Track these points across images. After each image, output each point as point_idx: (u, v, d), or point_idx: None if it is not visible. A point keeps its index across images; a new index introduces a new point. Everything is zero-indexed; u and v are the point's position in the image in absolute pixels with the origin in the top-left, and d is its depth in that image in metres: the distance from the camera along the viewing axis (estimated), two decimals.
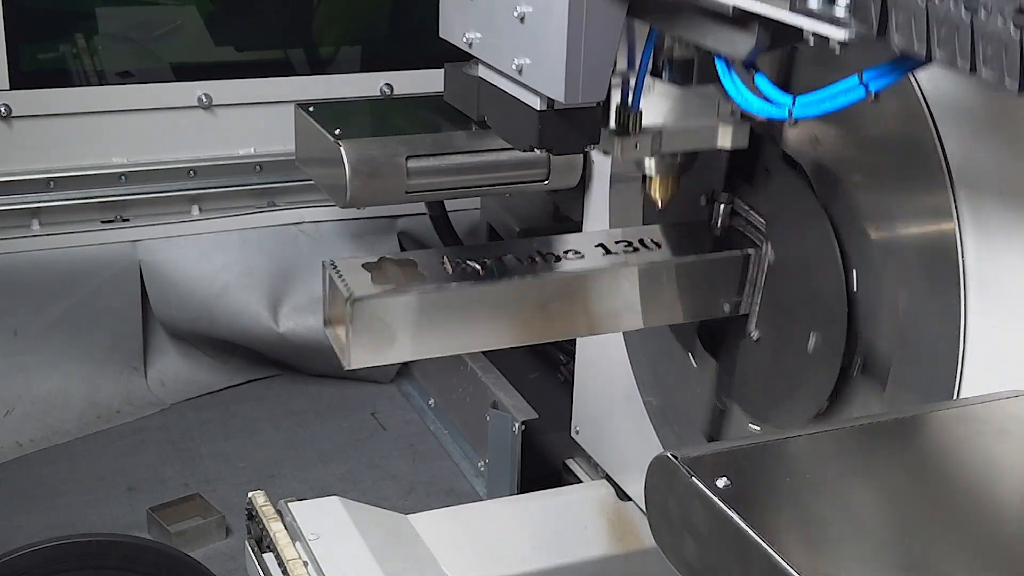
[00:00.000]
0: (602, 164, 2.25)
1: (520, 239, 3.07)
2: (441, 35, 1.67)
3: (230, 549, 2.67)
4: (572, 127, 1.53)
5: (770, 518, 1.13)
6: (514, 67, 1.49)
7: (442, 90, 1.80)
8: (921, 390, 1.57)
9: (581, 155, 2.26)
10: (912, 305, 1.57)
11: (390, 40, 3.52)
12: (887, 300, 1.61)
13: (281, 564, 1.98)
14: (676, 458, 1.19)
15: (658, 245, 1.83)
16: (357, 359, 1.66)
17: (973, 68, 1.03)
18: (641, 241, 1.83)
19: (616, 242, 1.83)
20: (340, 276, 1.66)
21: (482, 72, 1.63)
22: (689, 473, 1.16)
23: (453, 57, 1.71)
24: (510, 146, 1.65)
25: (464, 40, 1.60)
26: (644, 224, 2.02)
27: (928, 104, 1.49)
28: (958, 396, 1.51)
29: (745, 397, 1.88)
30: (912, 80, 1.48)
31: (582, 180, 2.33)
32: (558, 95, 1.43)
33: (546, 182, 2.27)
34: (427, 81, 2.99)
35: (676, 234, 1.87)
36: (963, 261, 1.49)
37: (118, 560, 2.17)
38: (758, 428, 1.86)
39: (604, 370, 2.38)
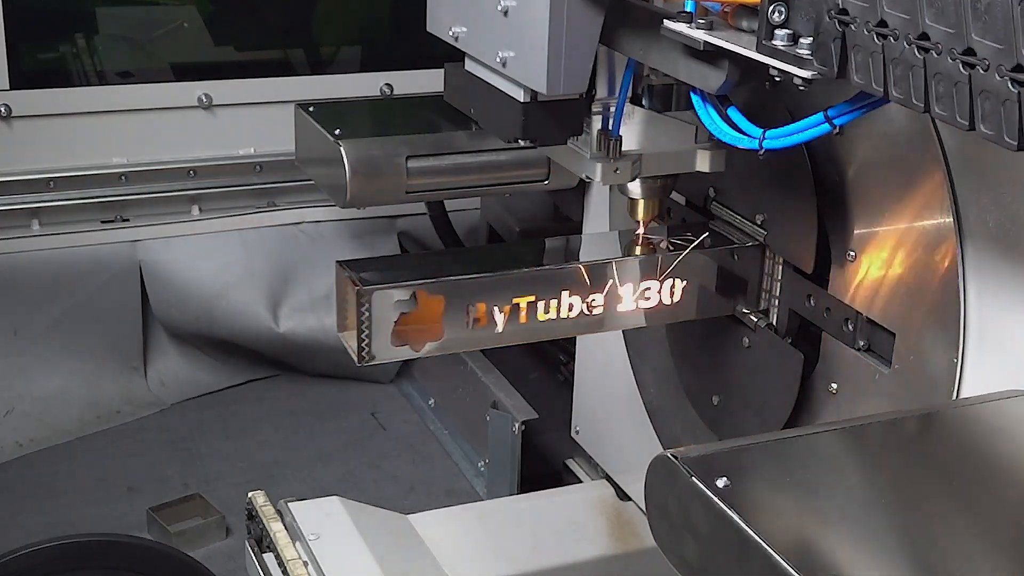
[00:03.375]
0: None
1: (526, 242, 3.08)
2: (428, 29, 1.70)
3: (230, 549, 2.67)
4: (555, 119, 1.56)
5: (770, 518, 1.13)
6: (498, 60, 1.52)
7: (442, 90, 1.80)
8: (921, 390, 1.57)
9: None
10: (911, 303, 1.57)
11: (390, 40, 3.52)
12: (887, 298, 1.62)
13: (281, 564, 1.99)
14: (676, 458, 1.19)
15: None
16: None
17: (927, 108, 1.07)
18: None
19: None
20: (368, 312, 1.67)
21: (468, 65, 1.66)
22: (689, 473, 1.16)
23: (453, 57, 1.71)
24: (510, 146, 1.67)
25: (450, 34, 1.63)
26: None
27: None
28: (958, 396, 1.51)
29: None
30: None
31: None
32: (540, 87, 1.46)
33: (546, 182, 2.27)
34: (427, 81, 2.99)
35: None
36: (963, 260, 1.49)
37: (118, 560, 2.17)
38: None
39: (604, 370, 2.38)
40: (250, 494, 2.13)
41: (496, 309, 1.73)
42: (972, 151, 1.46)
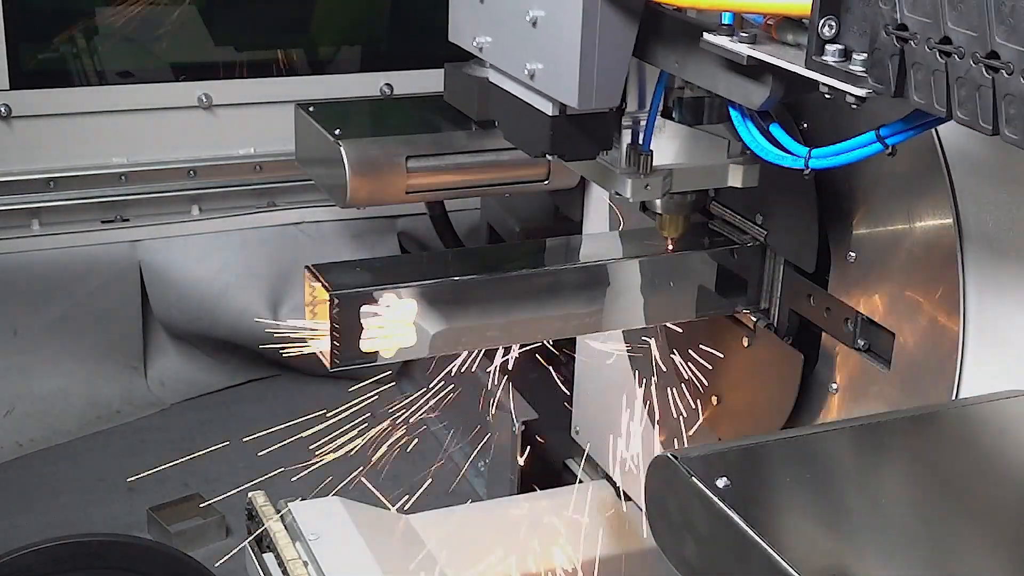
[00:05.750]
0: None
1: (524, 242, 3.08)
2: (450, 39, 1.64)
3: (230, 549, 2.67)
4: (585, 133, 1.51)
5: (770, 518, 1.13)
6: (526, 72, 1.46)
7: (442, 90, 1.80)
8: (921, 390, 1.57)
9: None
10: (911, 304, 1.57)
11: (390, 40, 3.52)
12: (887, 298, 1.62)
13: (281, 564, 1.99)
14: (676, 458, 1.19)
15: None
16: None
17: (996, 129, 1.00)
18: None
19: None
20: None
21: (492, 77, 1.61)
22: (689, 473, 1.16)
23: (453, 57, 1.70)
24: (510, 146, 1.64)
25: (474, 44, 1.57)
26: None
27: None
28: (958, 396, 1.51)
29: None
30: None
31: (582, 180, 2.33)
32: (571, 101, 1.41)
33: (546, 182, 2.27)
34: (427, 81, 2.99)
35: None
36: (963, 260, 1.49)
37: (118, 560, 2.17)
38: None
39: (604, 370, 2.38)
40: (250, 494, 2.13)
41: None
42: (972, 152, 1.46)
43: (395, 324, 1.69)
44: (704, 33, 1.27)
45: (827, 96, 1.14)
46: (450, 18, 1.64)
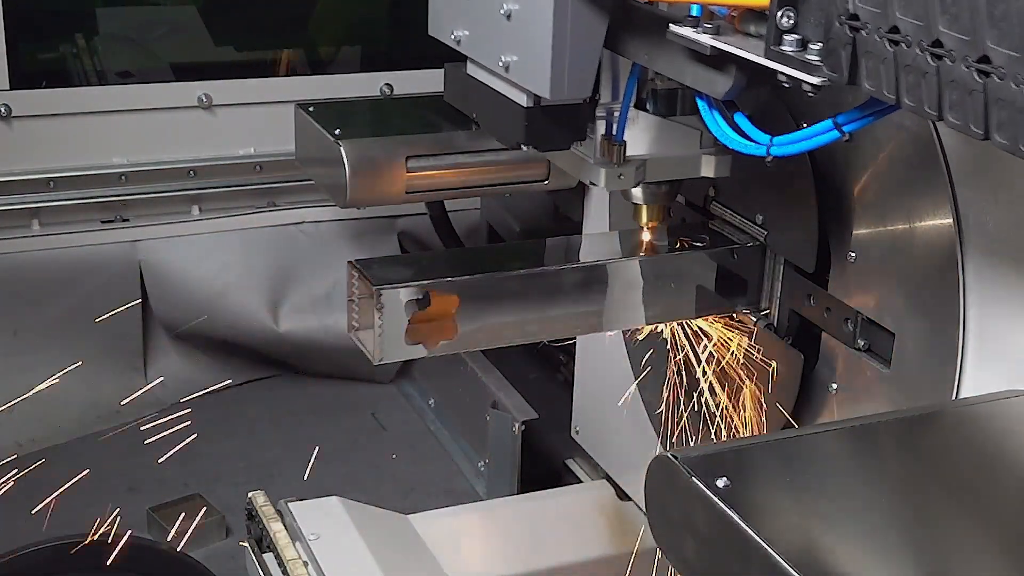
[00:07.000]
0: None
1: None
2: (430, 32, 1.69)
3: (230, 549, 2.67)
4: (558, 123, 1.55)
5: (770, 518, 1.13)
6: (501, 64, 1.51)
7: (442, 90, 1.80)
8: (921, 390, 1.57)
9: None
10: (911, 304, 1.57)
11: (390, 40, 3.52)
12: (887, 298, 1.62)
13: (281, 564, 1.99)
14: (676, 458, 1.19)
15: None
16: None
17: (940, 115, 1.04)
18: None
19: None
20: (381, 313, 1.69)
21: (470, 69, 1.66)
22: (689, 473, 1.16)
23: (453, 57, 1.71)
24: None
25: (452, 37, 1.62)
26: None
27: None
28: (958, 396, 1.51)
29: None
30: None
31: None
32: (544, 91, 1.45)
33: (546, 182, 2.27)
34: (427, 81, 2.99)
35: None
36: (963, 261, 1.49)
37: (118, 560, 2.17)
38: None
39: (604, 370, 2.38)
40: (250, 494, 2.13)
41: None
42: (972, 153, 1.46)
43: (438, 318, 1.70)
44: (670, 24, 1.31)
45: (786, 85, 1.18)
46: (429, 12, 1.69)
